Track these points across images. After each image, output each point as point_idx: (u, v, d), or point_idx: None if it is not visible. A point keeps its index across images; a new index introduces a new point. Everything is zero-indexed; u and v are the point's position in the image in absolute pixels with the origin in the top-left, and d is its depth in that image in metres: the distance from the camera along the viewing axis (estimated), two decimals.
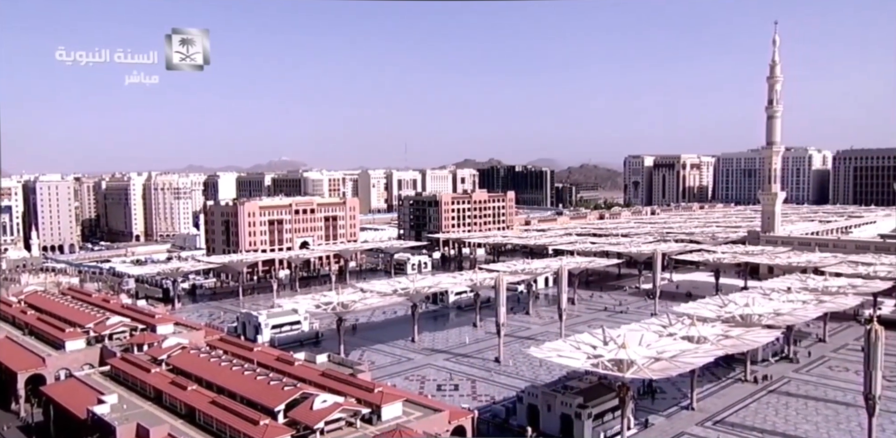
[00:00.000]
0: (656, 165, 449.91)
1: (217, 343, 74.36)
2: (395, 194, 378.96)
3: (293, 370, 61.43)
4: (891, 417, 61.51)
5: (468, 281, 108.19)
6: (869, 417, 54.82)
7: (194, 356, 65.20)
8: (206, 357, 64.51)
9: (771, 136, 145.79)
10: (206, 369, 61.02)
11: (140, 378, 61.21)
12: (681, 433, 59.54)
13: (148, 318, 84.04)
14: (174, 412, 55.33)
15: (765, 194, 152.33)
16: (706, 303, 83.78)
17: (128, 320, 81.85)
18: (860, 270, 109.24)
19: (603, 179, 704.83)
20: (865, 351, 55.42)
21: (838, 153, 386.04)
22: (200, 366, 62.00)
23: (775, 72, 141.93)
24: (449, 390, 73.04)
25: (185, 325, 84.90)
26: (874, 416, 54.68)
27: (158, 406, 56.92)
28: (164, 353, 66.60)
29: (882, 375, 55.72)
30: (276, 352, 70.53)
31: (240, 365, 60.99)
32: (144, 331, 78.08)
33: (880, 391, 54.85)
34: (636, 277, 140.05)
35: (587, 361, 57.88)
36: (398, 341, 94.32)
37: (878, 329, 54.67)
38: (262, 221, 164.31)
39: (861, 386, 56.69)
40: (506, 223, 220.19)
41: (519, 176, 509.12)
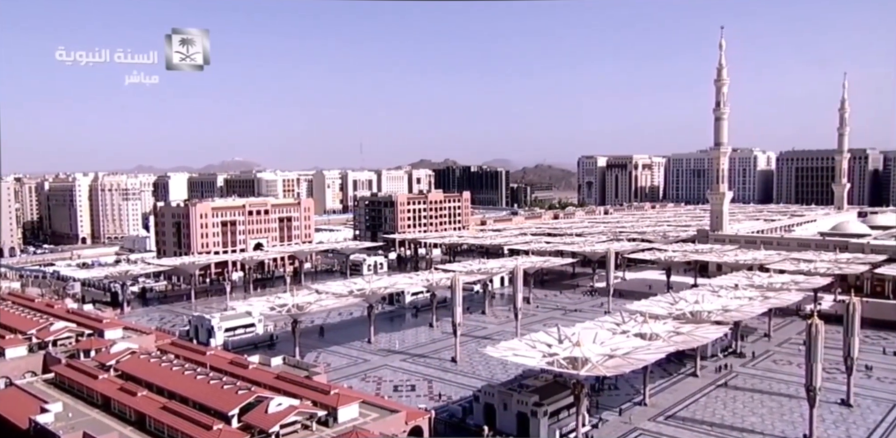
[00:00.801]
0: (609, 166, 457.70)
1: (168, 347, 72.70)
2: (350, 195, 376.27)
3: (247, 373, 60.50)
4: (830, 407, 63.97)
5: (424, 281, 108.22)
6: (810, 408, 56.98)
7: (144, 361, 63.62)
8: (156, 361, 63.01)
9: (718, 138, 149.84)
10: (157, 374, 59.61)
11: (87, 385, 59.41)
12: (634, 428, 60.71)
13: (95, 323, 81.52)
14: (123, 419, 53.91)
15: (713, 194, 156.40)
16: (658, 301, 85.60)
17: (73, 325, 79.25)
18: (802, 267, 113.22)
19: (557, 179, 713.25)
20: (807, 345, 57.61)
21: (781, 154, 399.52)
22: (151, 371, 60.54)
23: (722, 75, 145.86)
24: (406, 390, 72.96)
25: (135, 330, 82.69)
26: (815, 407, 56.85)
27: (107, 414, 55.34)
28: (113, 359, 64.80)
29: (822, 367, 58.04)
30: (230, 356, 69.34)
31: (192, 369, 59.75)
32: (91, 337, 75.71)
33: (820, 382, 57.09)
34: (590, 276, 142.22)
35: (543, 359, 58.52)
36: (354, 342, 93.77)
37: (819, 323, 56.87)
38: (215, 222, 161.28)
39: (803, 379, 58.84)
40: (461, 223, 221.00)
41: (474, 176, 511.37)
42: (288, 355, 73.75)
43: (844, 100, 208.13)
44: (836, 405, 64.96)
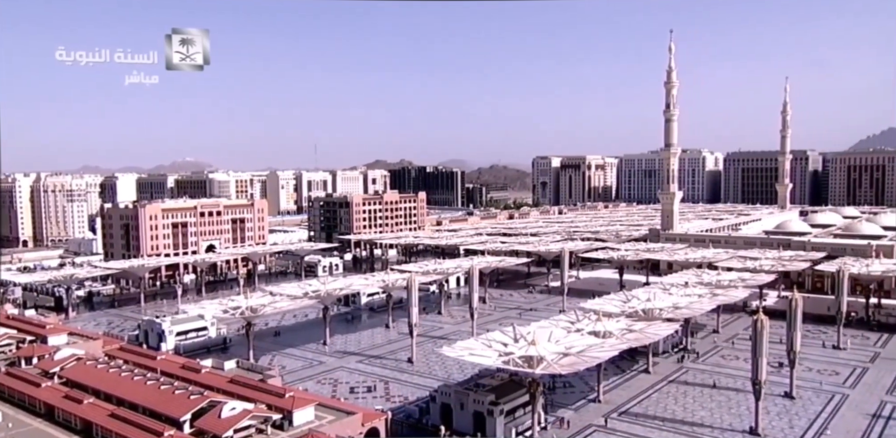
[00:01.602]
0: (563, 166, 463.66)
1: (116, 352, 70.74)
2: (305, 195, 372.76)
3: (199, 377, 59.34)
4: (774, 400, 66.15)
5: (380, 282, 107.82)
6: (756, 401, 58.80)
7: (91, 367, 61.77)
8: (104, 367, 61.26)
9: (668, 139, 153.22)
10: (105, 380, 57.96)
11: (28, 394, 57.35)
12: (589, 425, 61.64)
13: (37, 329, 78.78)
14: (68, 428, 52.21)
15: (664, 194, 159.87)
16: (611, 299, 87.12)
17: (14, 332, 76.42)
18: (748, 264, 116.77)
19: (512, 180, 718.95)
20: (752, 340, 59.39)
21: (728, 155, 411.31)
22: (98, 378, 58.82)
23: (671, 77, 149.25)
24: (362, 392, 72.59)
25: (81, 335, 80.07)
26: (760, 400, 58.70)
27: (50, 423, 53.53)
28: (57, 366, 62.73)
29: (767, 361, 59.97)
30: (182, 360, 67.90)
31: (142, 374, 58.29)
32: (34, 343, 73.08)
33: (765, 376, 58.99)
34: (545, 275, 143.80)
35: (499, 359, 58.94)
36: (310, 344, 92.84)
37: (764, 319, 58.74)
38: (165, 224, 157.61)
39: (749, 373, 60.65)
40: (417, 224, 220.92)
41: (430, 176, 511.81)
42: (242, 358, 72.61)
43: (786, 104, 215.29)
44: (780, 397, 67.18)
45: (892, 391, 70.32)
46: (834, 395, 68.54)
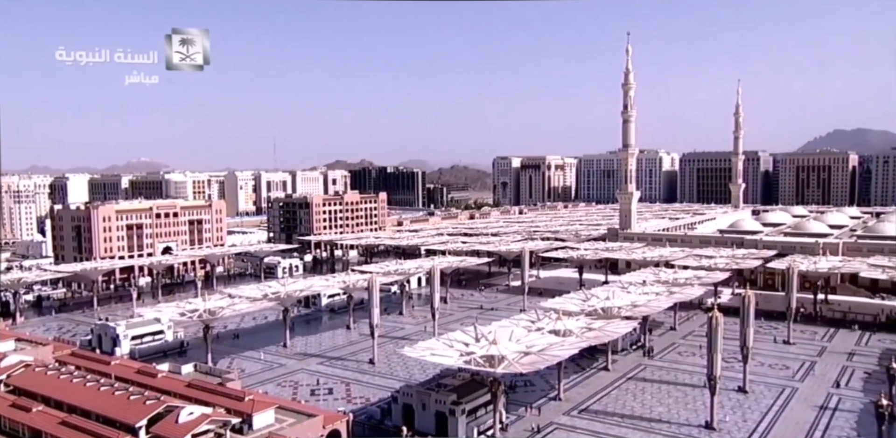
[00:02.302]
0: (523, 166, 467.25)
1: (68, 358, 68.74)
2: (264, 196, 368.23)
3: (156, 382, 58.08)
4: (729, 394, 67.83)
5: (341, 283, 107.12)
6: (711, 396, 60.21)
7: (40, 374, 59.84)
8: (54, 374, 59.43)
9: (626, 139, 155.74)
10: (55, 387, 56.23)
11: None
12: (550, 422, 62.25)
13: None
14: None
15: (622, 194, 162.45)
16: (571, 298, 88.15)
17: None
18: (703, 263, 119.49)
19: (473, 180, 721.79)
20: (708, 337, 60.79)
21: (684, 155, 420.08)
22: (48, 385, 57.03)
23: (629, 79, 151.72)
24: (323, 394, 72.01)
25: (30, 341, 77.54)
26: (715, 395, 60.14)
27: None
28: (3, 373, 60.54)
29: (722, 357, 61.48)
30: (137, 365, 66.32)
31: (95, 380, 56.72)
32: None
33: (720, 371, 60.47)
34: (506, 275, 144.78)
35: (460, 358, 59.13)
36: (270, 347, 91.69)
37: (718, 316, 60.17)
38: (120, 226, 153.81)
39: (705, 369, 62.06)
40: (378, 224, 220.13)
41: (391, 177, 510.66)
42: (200, 362, 71.25)
43: (738, 106, 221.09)
44: (734, 392, 68.90)
45: (837, 383, 72.76)
46: (784, 389, 70.62)
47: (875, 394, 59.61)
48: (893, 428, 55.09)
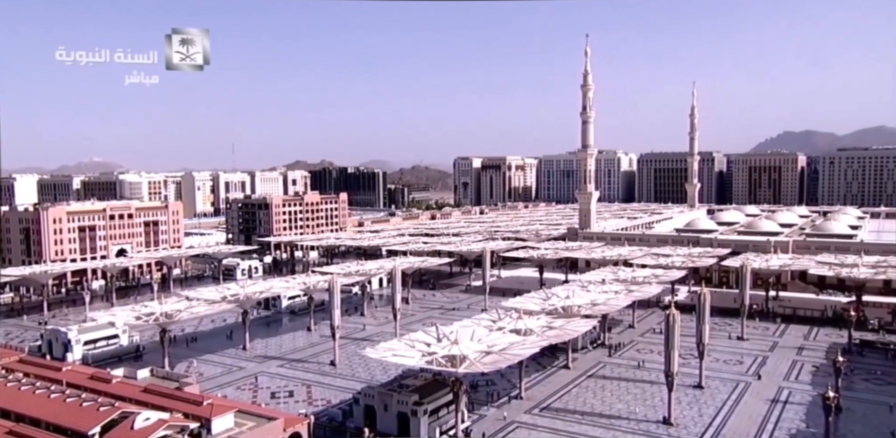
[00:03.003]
0: (484, 167, 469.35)
1: (15, 365, 66.47)
2: (222, 197, 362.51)
3: (110, 388, 56.62)
4: (685, 390, 69.29)
5: (301, 284, 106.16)
6: (668, 392, 61.42)
7: None
8: (1, 382, 57.51)
9: (585, 140, 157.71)
10: (2, 395, 54.38)
11: None
12: (511, 421, 62.67)
13: None
14: None
15: (581, 193, 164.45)
16: (531, 297, 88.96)
17: None
18: (661, 261, 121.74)
19: (434, 180, 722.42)
20: (665, 334, 62.00)
21: (642, 156, 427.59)
22: None
23: (587, 80, 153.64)
24: (284, 397, 71.22)
25: None
26: (672, 391, 61.37)
27: None
28: None
29: (679, 354, 62.77)
30: (90, 370, 64.56)
31: (45, 387, 55.05)
32: None
33: (677, 368, 61.73)
34: (467, 275, 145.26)
35: (422, 359, 59.15)
36: (229, 350, 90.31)
37: (675, 313, 61.42)
38: (71, 228, 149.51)
39: (663, 365, 63.27)
40: (339, 225, 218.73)
41: (351, 177, 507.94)
42: (156, 366, 69.81)
43: (694, 107, 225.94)
44: (691, 388, 70.41)
45: (788, 377, 75.05)
46: (738, 383, 72.45)
47: (822, 387, 61.55)
48: (839, 419, 56.96)
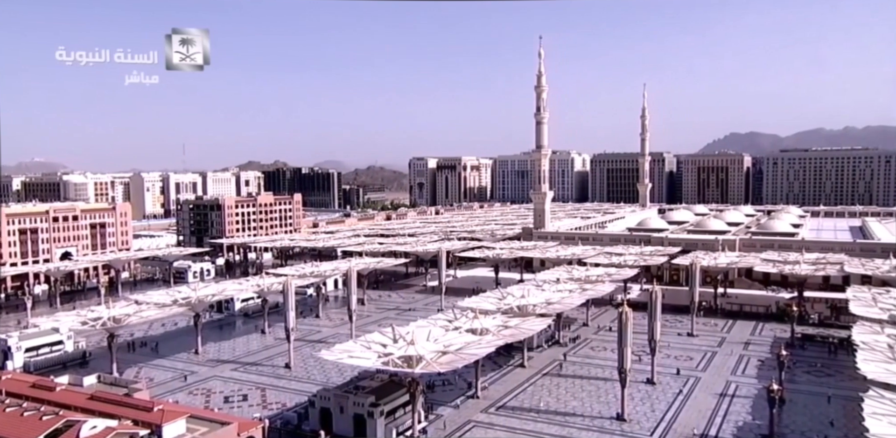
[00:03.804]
0: (439, 167, 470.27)
1: None
2: (173, 198, 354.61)
3: (54, 396, 54.71)
4: (638, 386, 70.65)
5: (255, 286, 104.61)
6: (622, 388, 62.55)
7: None
8: None
9: (539, 141, 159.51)
10: None
11: None
12: (468, 421, 62.93)
13: None
14: None
15: (536, 194, 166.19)
16: (487, 297, 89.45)
17: None
18: (613, 260, 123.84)
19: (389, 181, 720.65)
20: (618, 331, 63.12)
21: (595, 156, 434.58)
22: None
23: (541, 82, 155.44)
24: (237, 401, 70.03)
25: None
26: (626, 387, 62.54)
27: None
28: None
29: (632, 351, 63.98)
30: (32, 378, 62.23)
31: None
32: None
33: (630, 364, 62.90)
34: (423, 275, 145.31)
35: (378, 360, 58.91)
36: (180, 354, 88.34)
37: (628, 311, 62.56)
38: (11, 231, 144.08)
39: (616, 362, 64.41)
40: (293, 226, 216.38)
41: (306, 178, 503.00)
42: (104, 373, 67.82)
43: (644, 109, 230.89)
44: (643, 384, 71.85)
45: (735, 371, 77.31)
46: (689, 379, 74.27)
47: (767, 380, 63.59)
48: (783, 411, 58.92)
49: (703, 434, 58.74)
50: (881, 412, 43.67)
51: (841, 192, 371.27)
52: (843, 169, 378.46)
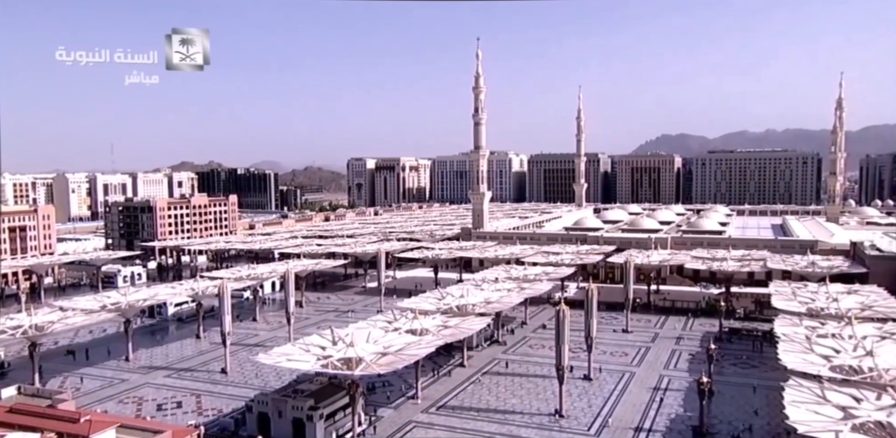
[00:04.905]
0: (378, 167, 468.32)
1: None
2: (100, 200, 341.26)
3: None
4: (575, 382, 72.18)
5: (189, 290, 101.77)
6: (560, 385, 63.74)
7: None
8: None
9: (478, 141, 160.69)
10: None
11: None
12: (409, 421, 62.92)
13: None
14: None
15: (474, 194, 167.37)
16: (427, 297, 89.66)
17: None
18: (551, 259, 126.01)
19: (327, 181, 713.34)
20: (556, 329, 64.28)
21: (532, 157, 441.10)
22: None
23: (479, 83, 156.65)
24: (171, 408, 67.99)
25: None
26: (563, 384, 63.77)
27: None
28: None
29: (569, 348, 65.24)
30: None
31: None
32: None
33: (567, 361, 64.14)
34: (363, 276, 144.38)
35: (317, 362, 58.32)
36: (109, 362, 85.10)
37: (565, 309, 63.77)
38: None
39: (554, 360, 65.57)
40: (229, 228, 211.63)
41: (242, 179, 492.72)
42: (25, 383, 64.69)
43: (580, 110, 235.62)
44: (580, 380, 73.44)
45: (667, 365, 79.92)
46: (624, 374, 76.33)
47: (697, 373, 66.02)
48: (712, 402, 61.24)
49: (637, 427, 60.48)
50: (800, 399, 45.91)
51: (764, 192, 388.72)
52: (766, 169, 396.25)
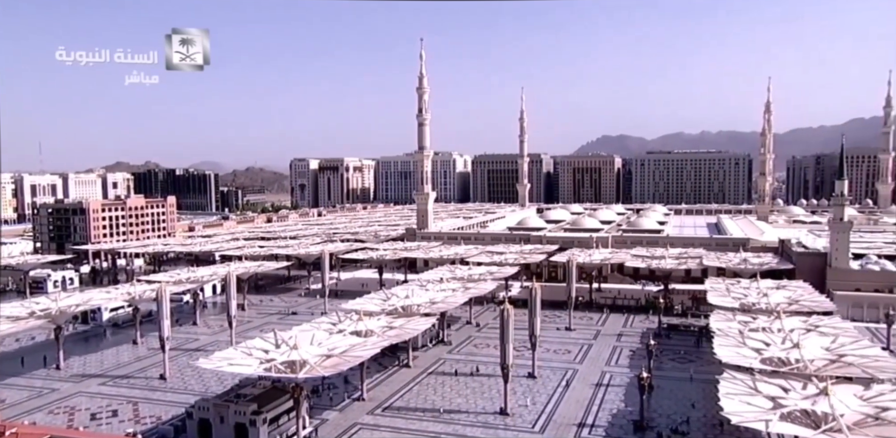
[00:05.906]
0: (321, 168, 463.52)
1: None
2: (28, 202, 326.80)
3: None
4: (520, 381, 73.03)
5: (125, 294, 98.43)
6: (504, 383, 64.45)
7: None
8: None
9: (422, 142, 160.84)
10: None
11: None
12: (354, 423, 62.49)
13: None
14: None
15: (419, 194, 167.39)
16: (371, 298, 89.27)
17: None
18: (495, 258, 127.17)
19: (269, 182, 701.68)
20: (500, 328, 64.96)
21: (476, 158, 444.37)
22: None
23: (423, 84, 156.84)
24: (106, 417, 65.61)
25: None
26: (508, 382, 64.50)
27: None
28: None
29: (513, 347, 66.04)
30: None
31: None
32: None
33: (512, 360, 64.90)
34: (306, 278, 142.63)
35: (260, 366, 57.41)
36: (38, 371, 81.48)
37: (509, 308, 64.51)
38: None
39: (499, 359, 66.24)
40: (167, 230, 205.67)
41: (180, 180, 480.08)
42: None
43: (523, 111, 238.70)
44: (525, 378, 74.35)
45: (609, 362, 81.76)
46: (567, 371, 77.68)
47: (638, 369, 67.81)
48: (652, 397, 63.02)
49: (580, 423, 61.67)
50: (733, 391, 47.78)
51: (699, 191, 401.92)
52: (701, 170, 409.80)
